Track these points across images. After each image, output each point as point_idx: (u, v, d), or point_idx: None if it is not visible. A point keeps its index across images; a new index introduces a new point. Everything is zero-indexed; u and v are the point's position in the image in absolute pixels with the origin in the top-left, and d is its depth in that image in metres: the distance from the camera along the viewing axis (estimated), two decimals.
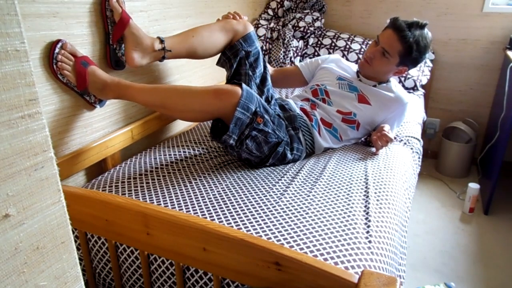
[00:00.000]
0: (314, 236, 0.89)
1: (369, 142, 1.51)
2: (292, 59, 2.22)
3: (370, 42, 2.21)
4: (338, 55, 1.80)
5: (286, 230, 0.91)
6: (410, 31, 1.36)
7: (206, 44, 1.30)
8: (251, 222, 0.94)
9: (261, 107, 1.15)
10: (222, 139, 1.12)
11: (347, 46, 2.22)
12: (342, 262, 0.81)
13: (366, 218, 0.98)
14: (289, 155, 1.28)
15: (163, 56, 1.24)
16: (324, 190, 1.10)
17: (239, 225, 0.94)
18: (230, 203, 1.03)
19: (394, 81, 1.53)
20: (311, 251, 0.84)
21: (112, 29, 1.19)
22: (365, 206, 1.04)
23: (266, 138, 1.17)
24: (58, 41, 1.03)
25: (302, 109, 1.42)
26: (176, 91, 1.12)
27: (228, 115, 1.10)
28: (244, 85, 1.12)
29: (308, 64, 1.67)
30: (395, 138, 1.58)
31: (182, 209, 1.00)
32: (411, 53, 1.38)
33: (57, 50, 1.03)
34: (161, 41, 1.22)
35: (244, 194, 1.07)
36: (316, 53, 2.27)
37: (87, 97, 1.16)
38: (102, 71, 1.13)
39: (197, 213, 0.99)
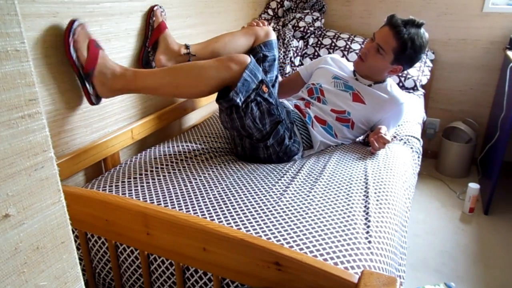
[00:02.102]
0: (314, 236, 0.89)
1: (368, 142, 1.51)
2: (292, 59, 2.22)
3: None
4: (338, 55, 1.81)
5: (286, 230, 0.91)
6: (405, 28, 1.37)
7: (228, 48, 1.40)
8: (251, 222, 0.94)
9: (266, 79, 1.23)
10: (229, 96, 1.14)
11: (347, 46, 2.22)
12: (342, 262, 0.81)
13: (366, 218, 0.98)
14: (287, 141, 1.30)
15: (188, 60, 1.36)
16: (324, 190, 1.10)
17: (239, 225, 0.94)
18: (230, 203, 1.03)
19: (390, 81, 1.53)
20: (311, 251, 0.84)
21: (151, 33, 1.36)
22: (365, 206, 1.04)
23: (269, 109, 1.22)
24: (75, 20, 1.06)
25: (296, 106, 1.46)
26: (187, 64, 1.18)
27: (238, 79, 1.15)
28: (252, 57, 1.19)
29: (307, 67, 1.69)
30: (394, 138, 1.58)
31: (182, 209, 1.00)
32: (405, 50, 1.38)
33: (76, 24, 1.05)
34: (187, 47, 1.36)
35: (244, 194, 1.07)
36: (316, 53, 2.27)
37: (88, 85, 1.12)
38: (109, 58, 1.15)
39: (197, 213, 0.99)
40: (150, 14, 1.36)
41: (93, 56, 1.08)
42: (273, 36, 1.44)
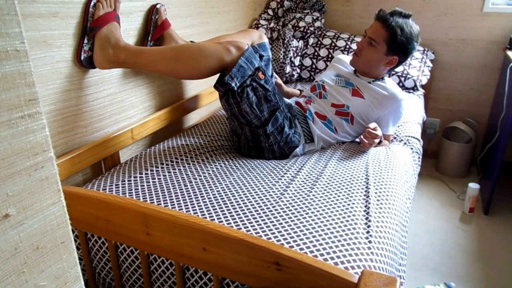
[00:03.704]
0: (314, 236, 0.89)
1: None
2: (292, 59, 2.22)
3: None
4: (344, 55, 1.84)
5: (286, 230, 0.91)
6: (392, 17, 1.43)
7: None
8: (251, 222, 0.94)
9: (262, 67, 1.26)
10: (224, 80, 1.18)
11: (347, 46, 2.22)
12: (342, 262, 0.81)
13: (367, 218, 0.98)
14: (287, 129, 1.32)
15: None
16: (325, 190, 1.10)
17: (239, 225, 0.94)
18: (230, 203, 1.03)
19: (389, 80, 1.56)
20: (311, 251, 0.84)
21: (154, 30, 1.38)
22: (366, 206, 1.04)
23: (266, 95, 1.25)
24: None
25: (297, 103, 1.51)
26: (188, 43, 1.23)
27: (234, 65, 1.19)
28: (250, 46, 1.23)
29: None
30: (394, 138, 1.59)
31: (182, 209, 1.00)
32: (396, 38, 1.41)
33: None
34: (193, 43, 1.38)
35: (244, 194, 1.07)
36: (316, 53, 2.27)
37: (86, 40, 1.12)
38: (121, 34, 1.19)
39: (197, 213, 0.99)
40: (152, 11, 1.37)
41: (105, 17, 1.13)
42: (265, 38, 1.52)
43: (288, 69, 2.21)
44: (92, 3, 1.11)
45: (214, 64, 1.17)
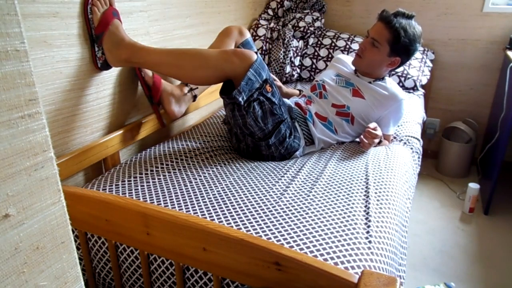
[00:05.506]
0: (314, 236, 0.89)
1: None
2: (292, 59, 2.22)
3: None
4: (345, 55, 1.83)
5: (286, 230, 0.91)
6: (396, 18, 1.42)
7: None
8: (251, 222, 0.94)
9: (270, 78, 1.23)
10: (232, 95, 1.16)
11: (347, 46, 2.22)
12: (342, 262, 0.81)
13: (366, 218, 0.98)
14: (287, 139, 1.31)
15: (194, 96, 1.41)
16: (324, 190, 1.10)
17: (239, 225, 0.94)
18: (230, 203, 1.03)
19: (390, 80, 1.55)
20: (311, 251, 0.84)
21: (151, 92, 1.32)
22: (365, 206, 1.04)
23: (272, 108, 1.23)
24: None
25: (297, 104, 1.49)
26: (193, 50, 1.20)
27: (241, 76, 1.15)
28: (259, 54, 1.20)
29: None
30: (394, 138, 1.58)
31: (182, 209, 1.00)
32: (399, 39, 1.40)
33: None
34: (186, 84, 1.38)
35: (244, 194, 1.07)
36: (316, 53, 2.27)
37: (96, 48, 1.15)
38: (124, 30, 1.18)
39: (197, 213, 0.99)
40: (140, 75, 1.30)
41: (104, 21, 1.12)
42: (247, 34, 1.48)
43: (288, 69, 2.21)
44: (89, 9, 1.11)
45: (215, 75, 1.16)
